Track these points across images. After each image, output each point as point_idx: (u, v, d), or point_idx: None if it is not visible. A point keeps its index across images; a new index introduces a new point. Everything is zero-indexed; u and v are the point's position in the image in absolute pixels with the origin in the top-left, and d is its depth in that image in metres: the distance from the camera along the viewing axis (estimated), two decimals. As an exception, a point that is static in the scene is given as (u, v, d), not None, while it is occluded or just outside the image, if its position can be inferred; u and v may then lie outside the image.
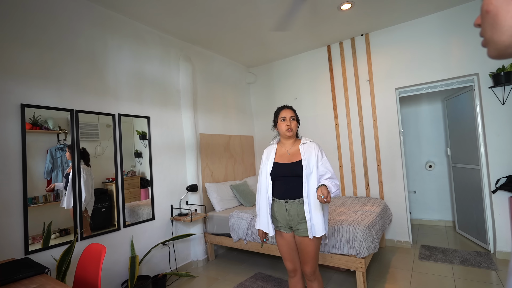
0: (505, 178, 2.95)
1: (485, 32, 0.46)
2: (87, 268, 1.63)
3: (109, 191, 2.65)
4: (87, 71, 2.51)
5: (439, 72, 3.31)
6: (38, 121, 2.17)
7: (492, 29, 0.44)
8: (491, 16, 0.43)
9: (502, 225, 2.99)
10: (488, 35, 0.46)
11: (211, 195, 3.59)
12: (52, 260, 2.12)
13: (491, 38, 0.45)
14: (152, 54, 3.15)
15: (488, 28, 0.45)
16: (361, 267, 2.35)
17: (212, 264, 3.40)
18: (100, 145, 2.59)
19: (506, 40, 0.43)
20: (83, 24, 2.52)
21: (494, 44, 0.45)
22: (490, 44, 0.46)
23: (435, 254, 3.18)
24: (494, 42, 0.45)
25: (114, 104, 2.71)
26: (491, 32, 0.45)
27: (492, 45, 0.46)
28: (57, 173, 2.28)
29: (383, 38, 3.65)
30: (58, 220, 2.25)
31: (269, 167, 1.88)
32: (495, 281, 2.53)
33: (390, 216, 3.39)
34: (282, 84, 4.56)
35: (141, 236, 2.84)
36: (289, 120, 1.87)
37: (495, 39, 0.44)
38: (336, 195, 1.76)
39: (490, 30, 0.45)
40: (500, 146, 2.99)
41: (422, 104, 4.48)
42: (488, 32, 0.45)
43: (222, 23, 3.15)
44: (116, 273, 2.58)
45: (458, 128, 3.67)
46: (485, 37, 0.47)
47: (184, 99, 3.44)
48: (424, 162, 4.46)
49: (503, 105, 2.96)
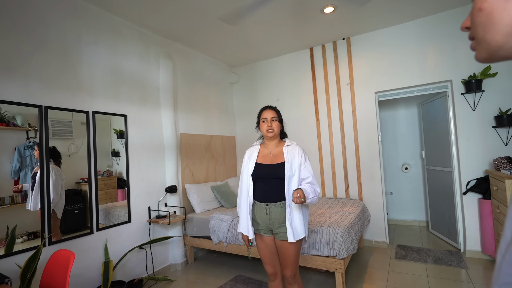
0: (475, 180, 3.10)
1: (476, 32, 0.44)
2: (54, 276, 1.53)
3: (83, 192, 2.51)
4: (58, 66, 2.36)
5: (415, 77, 3.43)
6: (5, 117, 2.02)
7: (484, 28, 0.42)
8: (485, 14, 0.41)
9: (471, 225, 3.14)
10: (479, 35, 0.44)
11: (191, 196, 3.51)
12: (16, 268, 1.97)
13: (483, 38, 0.43)
14: (131, 50, 3.02)
15: (480, 27, 0.43)
16: (340, 268, 2.37)
17: (191, 267, 3.32)
18: (74, 143, 2.45)
19: (500, 40, 0.41)
20: (56, 15, 2.37)
21: (486, 44, 0.43)
22: (481, 45, 0.44)
23: (410, 253, 3.29)
24: (487, 42, 0.43)
25: (88, 100, 2.57)
26: (483, 32, 0.42)
27: (483, 45, 0.44)
28: (26, 173, 2.13)
29: (363, 43, 3.73)
30: (26, 223, 2.10)
31: (250, 168, 1.85)
32: (465, 278, 2.64)
33: (368, 217, 3.46)
34: (265, 85, 4.55)
35: (116, 239, 2.72)
36: (270, 121, 1.85)
37: (488, 39, 0.42)
38: (312, 202, 1.72)
39: (483, 29, 0.43)
40: (470, 150, 3.14)
41: (399, 108, 4.63)
42: (479, 32, 0.43)
43: (205, 20, 3.09)
44: (88, 279, 2.44)
45: (432, 132, 3.83)
46: (476, 37, 0.45)
47: (164, 97, 3.33)
48: (400, 164, 4.62)
49: (473, 111, 3.12)
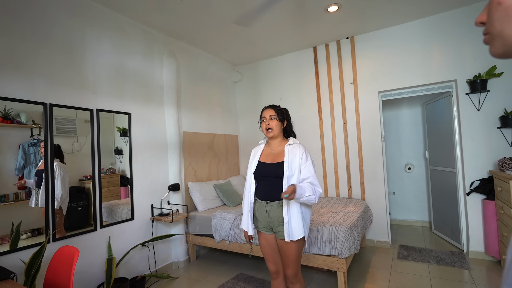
0: (479, 181, 3.08)
1: (493, 27, 0.44)
2: (59, 272, 1.54)
3: (87, 189, 2.53)
4: (63, 63, 2.37)
5: (419, 77, 3.41)
6: (10, 114, 2.04)
7: (503, 22, 0.42)
8: (504, 8, 0.41)
9: (475, 226, 3.12)
10: (497, 29, 0.43)
11: (194, 194, 3.52)
12: (21, 263, 1.99)
13: (501, 33, 0.43)
14: (135, 48, 3.03)
15: (497, 21, 0.43)
16: (342, 267, 2.37)
17: (194, 265, 3.33)
18: (77, 141, 2.47)
19: None
20: (60, 13, 2.38)
21: (503, 39, 0.43)
22: (498, 40, 0.44)
23: (413, 254, 3.28)
24: (504, 37, 0.42)
25: (92, 98, 2.58)
26: (501, 26, 0.42)
27: (500, 40, 0.43)
28: (30, 170, 2.15)
29: (367, 42, 3.71)
30: (30, 220, 2.12)
31: (253, 166, 1.88)
32: (467, 279, 2.63)
33: (371, 217, 3.45)
34: (268, 84, 4.54)
35: (120, 236, 2.74)
36: (268, 119, 1.85)
37: (506, 33, 0.42)
38: (309, 201, 1.66)
39: (501, 23, 0.42)
40: (475, 150, 3.11)
41: (403, 108, 4.61)
42: (497, 26, 0.43)
43: (208, 19, 3.09)
44: (91, 275, 2.46)
45: (436, 132, 3.80)
46: (493, 32, 0.44)
47: (168, 95, 3.34)
48: (403, 164, 4.60)
49: (478, 111, 3.09)
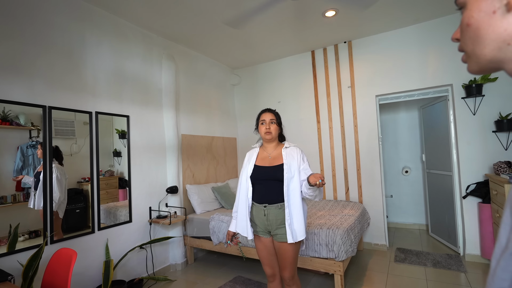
0: (475, 184, 3.11)
1: (466, 46, 0.44)
2: (56, 274, 1.55)
3: (85, 192, 2.54)
4: (62, 66, 2.39)
5: (416, 81, 3.45)
6: (8, 116, 2.05)
7: (473, 42, 0.42)
8: (472, 30, 0.42)
9: (471, 229, 3.14)
10: (469, 48, 0.44)
11: (192, 197, 3.53)
12: (19, 266, 1.99)
13: (473, 52, 0.43)
14: (134, 51, 3.05)
15: (469, 41, 0.43)
16: (339, 270, 2.38)
17: (191, 268, 3.33)
18: (76, 143, 2.48)
19: (488, 54, 0.41)
20: (60, 17, 2.40)
21: (476, 58, 0.43)
22: (472, 59, 0.44)
23: (410, 257, 3.29)
24: (476, 56, 0.43)
25: (91, 101, 2.60)
26: (473, 46, 0.43)
27: (473, 59, 0.44)
28: (28, 172, 2.16)
29: (365, 46, 3.75)
30: (27, 222, 2.12)
31: (249, 170, 1.87)
32: (464, 283, 2.65)
33: (368, 220, 3.47)
34: (266, 87, 4.57)
35: (117, 239, 2.74)
36: (268, 123, 1.86)
37: (477, 53, 0.42)
38: (320, 193, 1.75)
39: (472, 43, 0.43)
40: (470, 154, 3.15)
41: (400, 112, 4.64)
42: (469, 45, 0.43)
43: (207, 23, 3.12)
44: (88, 278, 2.46)
45: (432, 136, 3.84)
46: (466, 51, 0.45)
47: (166, 98, 3.36)
48: (400, 168, 4.62)
49: (474, 115, 3.13)
